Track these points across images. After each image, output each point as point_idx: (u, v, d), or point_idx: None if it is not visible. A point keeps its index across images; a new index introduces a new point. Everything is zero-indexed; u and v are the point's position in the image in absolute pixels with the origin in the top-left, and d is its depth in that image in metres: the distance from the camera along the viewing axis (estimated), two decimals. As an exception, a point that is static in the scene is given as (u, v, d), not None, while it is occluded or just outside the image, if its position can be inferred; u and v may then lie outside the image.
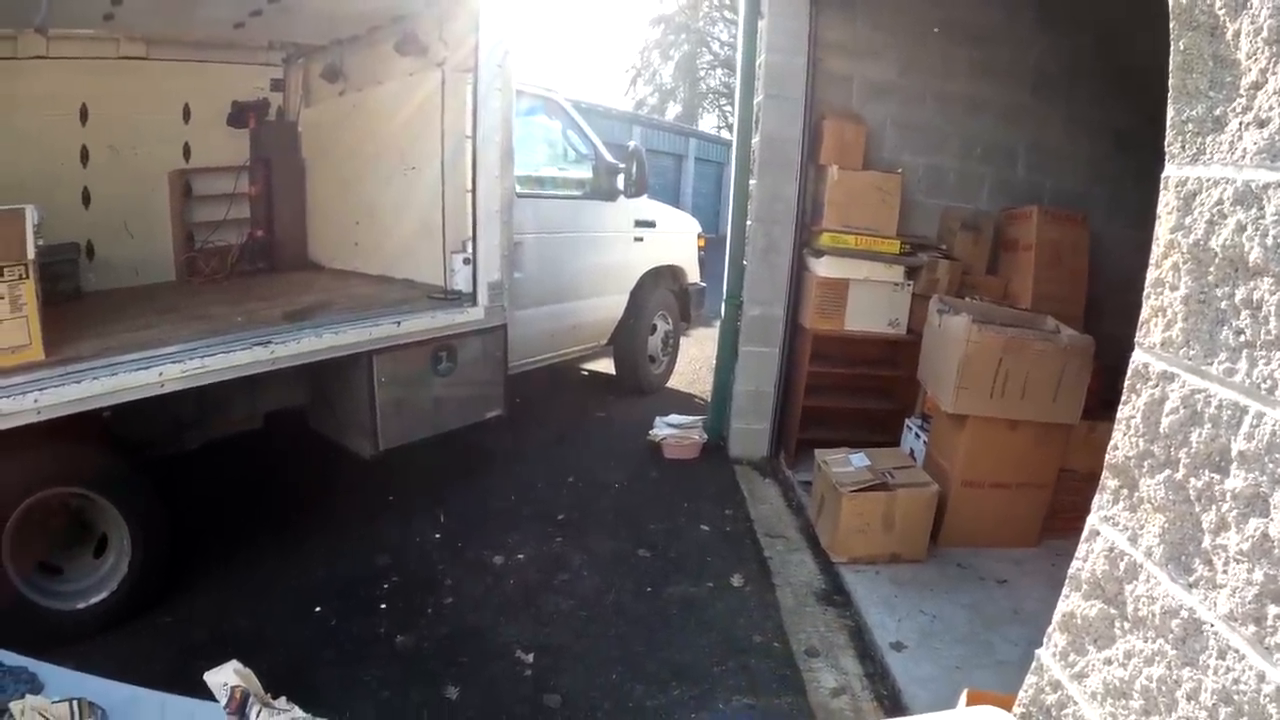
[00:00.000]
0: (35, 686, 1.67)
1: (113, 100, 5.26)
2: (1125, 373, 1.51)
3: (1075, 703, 1.61)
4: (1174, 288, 1.39)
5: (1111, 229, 5.79)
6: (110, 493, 3.72)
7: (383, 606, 4.12)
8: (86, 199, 5.22)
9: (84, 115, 5.16)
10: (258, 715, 1.54)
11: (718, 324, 6.76)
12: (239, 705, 1.54)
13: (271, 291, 5.31)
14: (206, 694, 1.64)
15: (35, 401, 3.21)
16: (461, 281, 5.06)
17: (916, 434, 5.36)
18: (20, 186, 4.39)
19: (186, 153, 5.81)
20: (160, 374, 3.61)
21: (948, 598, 4.28)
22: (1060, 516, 4.61)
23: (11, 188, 4.24)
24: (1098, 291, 5.63)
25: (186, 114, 5.77)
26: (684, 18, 42.05)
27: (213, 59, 5.85)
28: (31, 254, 3.29)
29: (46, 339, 3.42)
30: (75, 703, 1.56)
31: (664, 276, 8.20)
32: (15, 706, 1.54)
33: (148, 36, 5.40)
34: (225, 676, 1.58)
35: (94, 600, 3.72)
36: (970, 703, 1.94)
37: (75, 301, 4.82)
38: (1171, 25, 1.36)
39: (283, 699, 1.61)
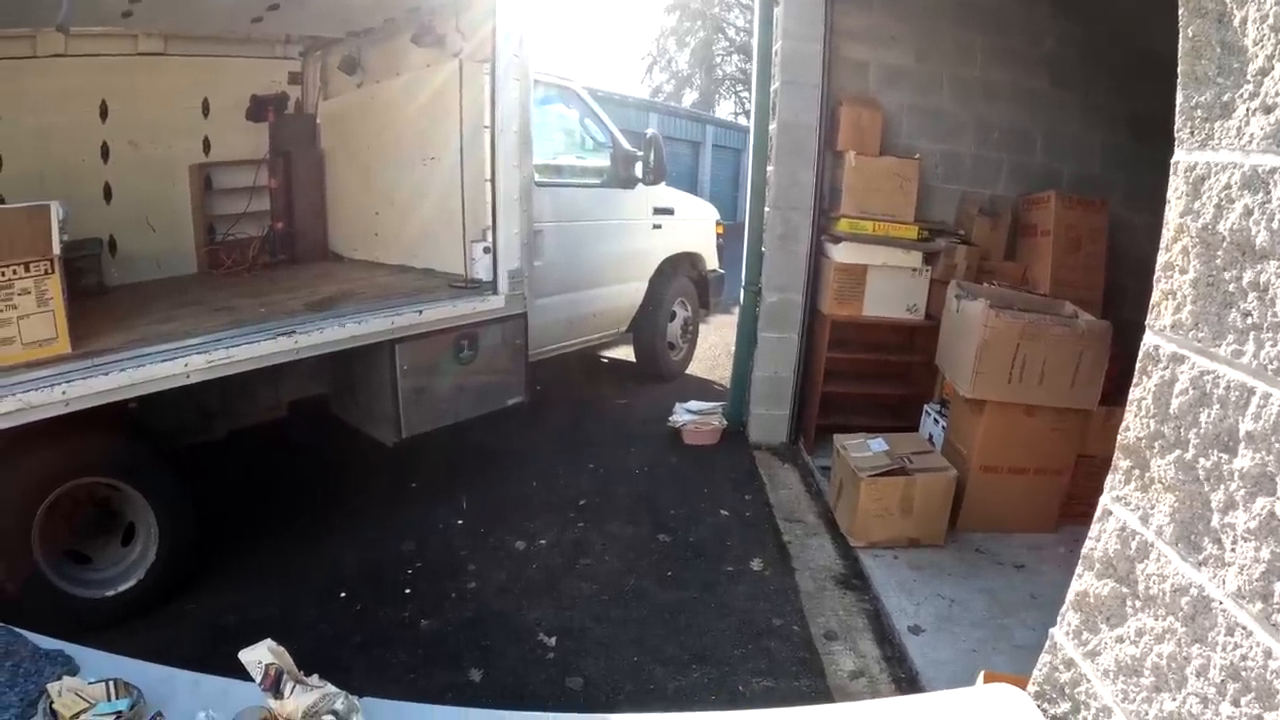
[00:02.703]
0: (71, 668, 1.70)
1: (132, 96, 5.30)
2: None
3: (1088, 680, 1.63)
4: (1183, 271, 1.41)
5: (1130, 215, 5.74)
6: (137, 482, 3.79)
7: (407, 591, 4.18)
8: (108, 194, 5.27)
9: (104, 111, 5.20)
10: (291, 691, 1.57)
11: (736, 310, 6.79)
12: (273, 682, 1.57)
13: (293, 282, 5.35)
14: (237, 677, 1.68)
15: (63, 394, 3.26)
16: (482, 270, 5.09)
17: (935, 419, 5.37)
18: (43, 182, 4.46)
19: (206, 146, 5.85)
20: (186, 365, 3.66)
21: (965, 582, 4.29)
22: (1078, 502, 4.57)
23: (34, 184, 4.32)
24: (1117, 277, 5.61)
25: (206, 108, 5.81)
26: (699, 4, 41.79)
27: (231, 53, 5.88)
28: (57, 249, 3.34)
29: (73, 332, 3.47)
30: (111, 683, 1.59)
31: (683, 263, 8.20)
32: (53, 687, 1.57)
33: (166, 32, 5.43)
34: (260, 654, 1.61)
35: (122, 588, 3.79)
36: (987, 682, 1.96)
37: (100, 295, 4.87)
38: (1180, 13, 1.37)
39: (314, 676, 1.65)
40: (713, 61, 43.04)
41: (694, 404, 6.67)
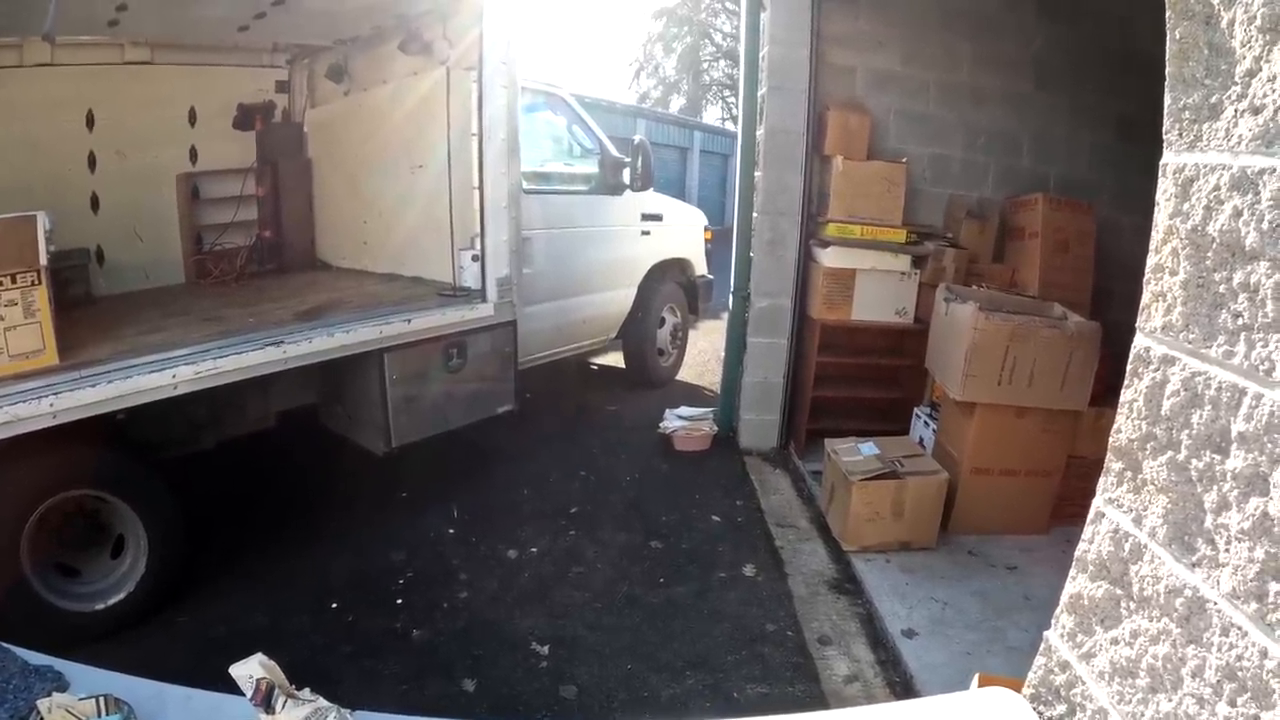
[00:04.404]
0: (61, 684, 1.68)
1: (119, 105, 5.28)
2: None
3: (1083, 682, 1.63)
4: (1173, 273, 1.40)
5: (1118, 216, 5.78)
6: (126, 494, 3.77)
7: (399, 601, 4.16)
8: (95, 204, 5.25)
9: (90, 121, 5.18)
10: (283, 706, 1.56)
11: (726, 316, 6.79)
12: (264, 696, 1.56)
13: (281, 292, 5.34)
14: (228, 689, 1.66)
15: (50, 406, 3.24)
16: (470, 278, 5.09)
17: (925, 422, 5.37)
18: (29, 193, 4.42)
19: (193, 156, 5.83)
20: (174, 376, 3.64)
21: (958, 585, 4.30)
22: (1069, 503, 4.59)
23: (21, 194, 4.26)
24: (1105, 279, 5.63)
25: (192, 117, 5.79)
26: (686, 10, 41.88)
27: (217, 62, 5.87)
28: (43, 260, 3.33)
29: (60, 344, 3.45)
30: (101, 699, 1.57)
31: (671, 269, 8.20)
32: (43, 704, 1.55)
33: (152, 41, 5.41)
34: (250, 669, 1.60)
35: (112, 601, 3.76)
36: (981, 685, 1.96)
37: (87, 306, 4.85)
38: (1167, 15, 1.37)
39: (306, 690, 1.63)
40: (700, 67, 43.10)
41: (684, 410, 6.66)
